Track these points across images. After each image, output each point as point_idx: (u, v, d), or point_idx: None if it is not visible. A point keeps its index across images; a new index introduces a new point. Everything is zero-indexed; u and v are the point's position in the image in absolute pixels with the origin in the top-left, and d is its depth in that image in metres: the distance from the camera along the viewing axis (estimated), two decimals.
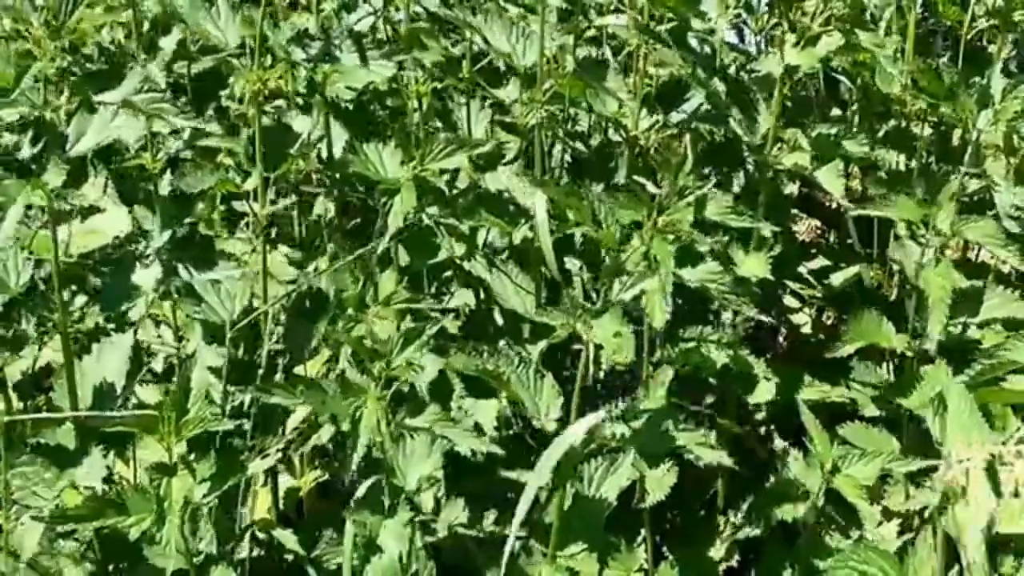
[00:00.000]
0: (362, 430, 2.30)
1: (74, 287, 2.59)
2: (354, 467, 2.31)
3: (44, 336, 2.52)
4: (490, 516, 2.77)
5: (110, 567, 2.52)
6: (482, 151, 2.89)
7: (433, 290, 3.10)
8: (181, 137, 2.88)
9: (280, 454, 2.72)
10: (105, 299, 2.53)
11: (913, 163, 3.38)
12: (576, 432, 2.37)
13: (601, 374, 2.80)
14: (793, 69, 3.10)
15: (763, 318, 2.90)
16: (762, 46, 3.59)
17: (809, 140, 3.13)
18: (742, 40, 3.66)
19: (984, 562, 2.13)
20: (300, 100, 3.08)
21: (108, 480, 2.43)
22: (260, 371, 2.72)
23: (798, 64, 3.08)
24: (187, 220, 2.78)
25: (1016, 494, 2.07)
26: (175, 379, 2.83)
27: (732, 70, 3.36)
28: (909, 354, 3.05)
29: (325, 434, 2.75)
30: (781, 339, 3.45)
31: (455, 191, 3.01)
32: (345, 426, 2.34)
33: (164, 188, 2.91)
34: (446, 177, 2.99)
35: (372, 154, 2.80)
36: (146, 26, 3.10)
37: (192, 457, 2.29)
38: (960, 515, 2.06)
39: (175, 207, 2.81)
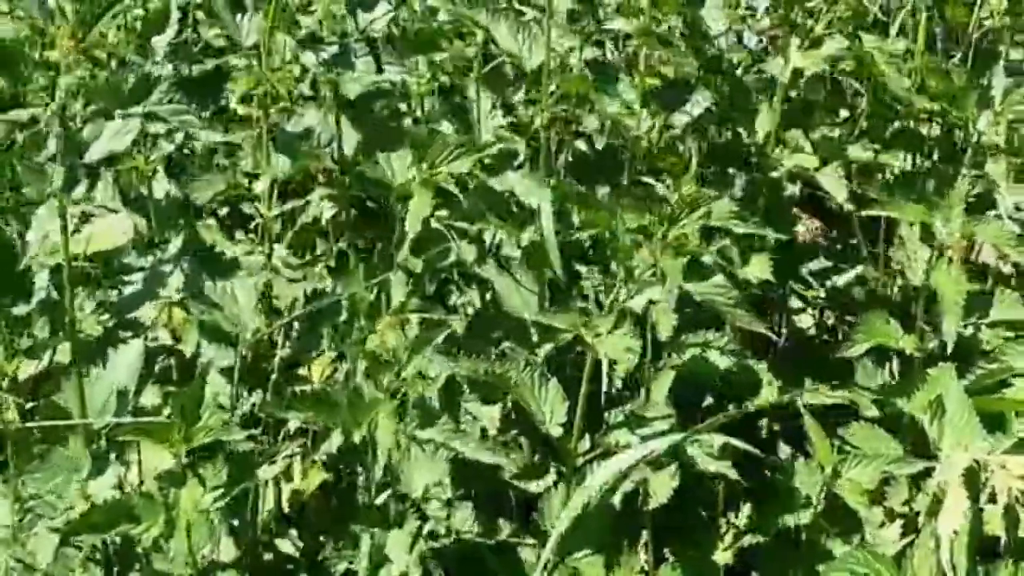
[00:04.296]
0: (380, 447, 2.30)
1: (83, 291, 2.58)
2: (376, 481, 2.33)
3: (55, 340, 2.50)
4: (502, 524, 2.78)
5: (115, 570, 2.52)
6: (492, 153, 2.87)
7: (433, 291, 3.09)
8: (173, 140, 2.87)
9: (288, 460, 2.73)
10: (123, 305, 2.52)
11: (918, 164, 3.38)
12: (612, 469, 2.38)
13: (617, 383, 2.81)
14: (799, 71, 3.11)
15: (770, 334, 2.91)
16: (761, 45, 3.59)
17: (812, 142, 3.14)
18: (740, 39, 3.66)
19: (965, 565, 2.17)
20: (305, 99, 3.08)
21: (118, 486, 2.43)
22: (273, 375, 2.73)
23: (803, 67, 3.10)
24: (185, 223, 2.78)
25: (993, 501, 2.10)
26: (175, 381, 2.82)
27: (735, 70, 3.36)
28: (916, 355, 3.03)
29: (336, 441, 2.76)
30: (783, 340, 3.45)
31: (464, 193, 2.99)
32: (356, 437, 2.35)
33: (160, 190, 2.91)
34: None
35: (382, 157, 2.80)
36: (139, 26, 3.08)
37: (200, 461, 2.29)
38: (939, 520, 2.10)
39: (172, 210, 2.81)
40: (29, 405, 2.52)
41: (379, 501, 2.47)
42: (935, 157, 3.42)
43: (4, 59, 2.31)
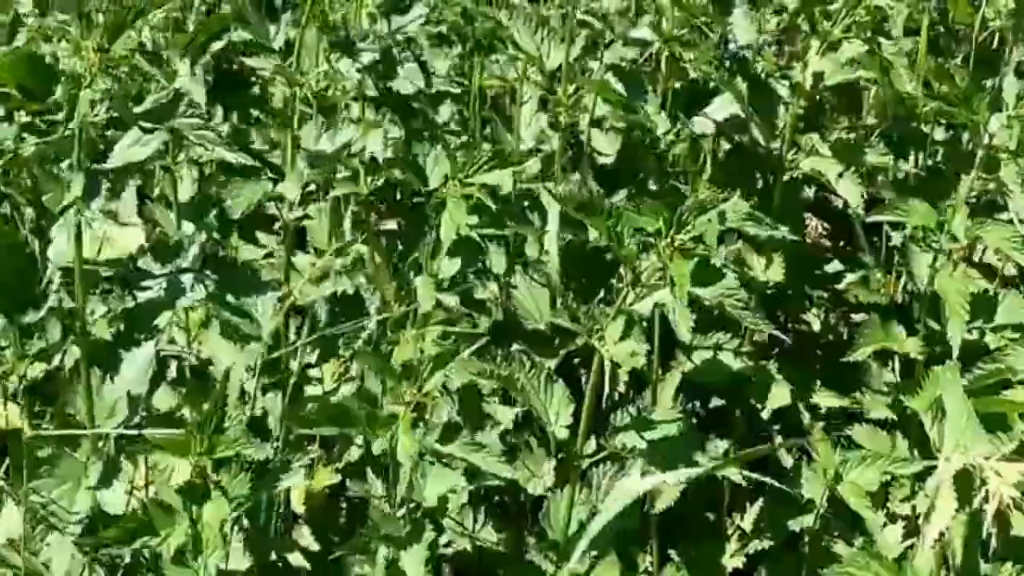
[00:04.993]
0: (402, 462, 2.33)
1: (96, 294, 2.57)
2: (399, 499, 2.37)
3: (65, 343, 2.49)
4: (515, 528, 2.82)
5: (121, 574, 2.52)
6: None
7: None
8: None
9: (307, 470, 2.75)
10: (138, 314, 2.51)
11: (920, 165, 3.38)
12: (630, 492, 2.41)
13: (621, 386, 2.84)
14: (819, 75, 3.12)
15: (779, 335, 2.92)
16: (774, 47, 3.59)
17: (829, 145, 3.15)
18: None
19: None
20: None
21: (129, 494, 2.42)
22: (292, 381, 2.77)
23: (822, 71, 3.11)
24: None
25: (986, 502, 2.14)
26: (189, 382, 2.85)
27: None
28: (920, 357, 3.05)
29: (356, 452, 2.78)
30: (788, 340, 3.46)
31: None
32: (376, 450, 2.38)
33: (185, 194, 2.94)
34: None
35: (420, 160, 2.82)
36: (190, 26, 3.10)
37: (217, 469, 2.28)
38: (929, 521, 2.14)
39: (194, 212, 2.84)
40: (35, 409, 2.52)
41: (396, 513, 2.49)
42: (939, 159, 3.42)
43: (34, 71, 2.30)
